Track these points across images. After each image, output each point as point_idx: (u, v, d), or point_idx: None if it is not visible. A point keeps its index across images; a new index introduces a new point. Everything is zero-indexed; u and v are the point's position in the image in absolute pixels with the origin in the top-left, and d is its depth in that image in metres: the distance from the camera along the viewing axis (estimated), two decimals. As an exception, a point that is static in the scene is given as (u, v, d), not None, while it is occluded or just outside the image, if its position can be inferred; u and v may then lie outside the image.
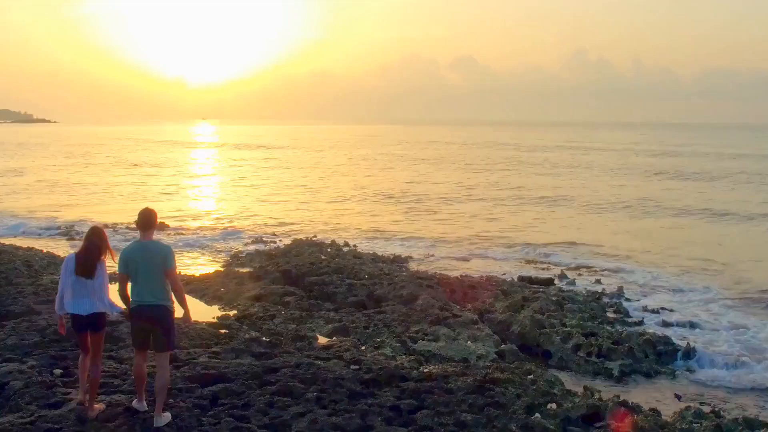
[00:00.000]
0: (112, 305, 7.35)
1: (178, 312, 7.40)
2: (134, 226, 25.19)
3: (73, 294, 7.24)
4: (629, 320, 13.68)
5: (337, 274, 16.05)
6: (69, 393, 7.94)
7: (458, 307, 13.78)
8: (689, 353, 11.71)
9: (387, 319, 12.69)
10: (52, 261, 16.89)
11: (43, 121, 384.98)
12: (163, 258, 7.09)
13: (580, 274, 18.32)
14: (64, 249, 21.37)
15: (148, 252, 7.08)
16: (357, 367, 9.69)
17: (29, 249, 19.01)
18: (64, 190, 40.78)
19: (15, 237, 24.00)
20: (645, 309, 14.55)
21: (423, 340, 11.54)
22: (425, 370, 9.71)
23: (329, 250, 20.34)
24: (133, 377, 7.74)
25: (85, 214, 29.77)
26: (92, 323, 7.26)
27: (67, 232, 25.01)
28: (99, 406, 7.42)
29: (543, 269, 19.07)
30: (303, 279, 15.84)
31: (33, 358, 9.24)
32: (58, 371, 8.85)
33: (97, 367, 7.37)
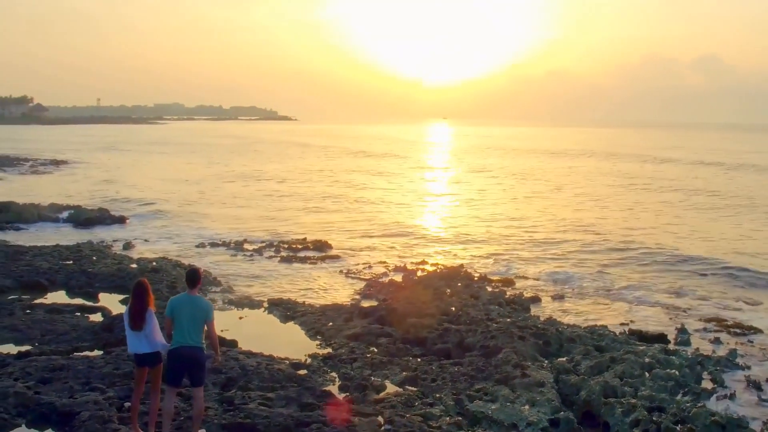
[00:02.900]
0: (164, 345, 9.10)
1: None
2: (310, 246, 26.43)
3: (132, 340, 9.12)
4: (720, 393, 12.91)
5: (442, 316, 16.51)
6: (119, 430, 9.36)
7: (544, 363, 13.70)
8: (763, 441, 10.96)
9: (458, 372, 13.07)
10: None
11: (286, 118, 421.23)
12: (206, 312, 9.03)
13: (705, 329, 17.29)
14: (227, 266, 23.44)
15: (195, 305, 9.00)
16: (389, 427, 10.35)
17: (187, 267, 21.14)
18: (265, 198, 44.38)
19: (186, 249, 26.70)
20: (748, 380, 13.57)
21: (481, 400, 11.82)
22: (450, 438, 10.15)
23: (459, 284, 20.77)
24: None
25: (280, 228, 32.43)
26: (150, 361, 9.11)
27: (235, 248, 26.47)
28: None
29: (670, 319, 18.21)
30: (406, 319, 16.43)
31: (115, 389, 10.86)
32: (128, 404, 10.35)
33: (157, 397, 9.22)
